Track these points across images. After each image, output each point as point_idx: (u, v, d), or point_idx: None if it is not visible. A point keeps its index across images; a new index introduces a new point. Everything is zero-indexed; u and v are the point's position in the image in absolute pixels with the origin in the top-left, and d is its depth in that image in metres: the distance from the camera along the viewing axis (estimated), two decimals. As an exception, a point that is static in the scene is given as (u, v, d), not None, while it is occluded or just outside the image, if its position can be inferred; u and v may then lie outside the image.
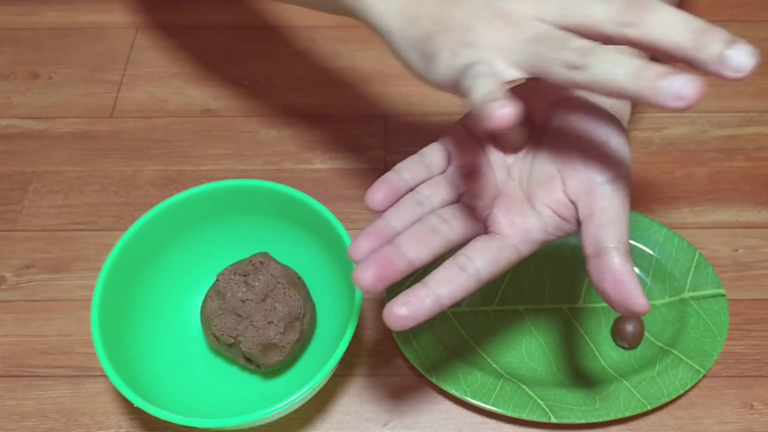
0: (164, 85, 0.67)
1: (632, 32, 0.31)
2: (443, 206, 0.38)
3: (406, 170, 0.39)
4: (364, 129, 0.64)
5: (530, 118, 0.39)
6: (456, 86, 0.36)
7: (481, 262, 0.36)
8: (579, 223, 0.36)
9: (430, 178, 0.39)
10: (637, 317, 0.50)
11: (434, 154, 0.39)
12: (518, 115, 0.29)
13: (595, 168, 0.36)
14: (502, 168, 0.39)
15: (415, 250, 0.36)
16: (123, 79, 0.67)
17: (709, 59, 0.30)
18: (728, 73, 0.29)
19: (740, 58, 0.29)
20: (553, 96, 0.39)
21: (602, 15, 0.32)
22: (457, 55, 0.35)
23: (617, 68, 0.30)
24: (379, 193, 0.38)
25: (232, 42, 0.70)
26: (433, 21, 0.36)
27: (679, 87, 0.28)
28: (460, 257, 0.36)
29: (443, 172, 0.39)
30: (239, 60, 0.69)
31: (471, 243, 0.37)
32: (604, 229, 0.34)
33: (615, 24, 0.32)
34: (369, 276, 0.35)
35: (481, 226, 0.38)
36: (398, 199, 0.38)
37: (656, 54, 0.32)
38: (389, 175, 0.38)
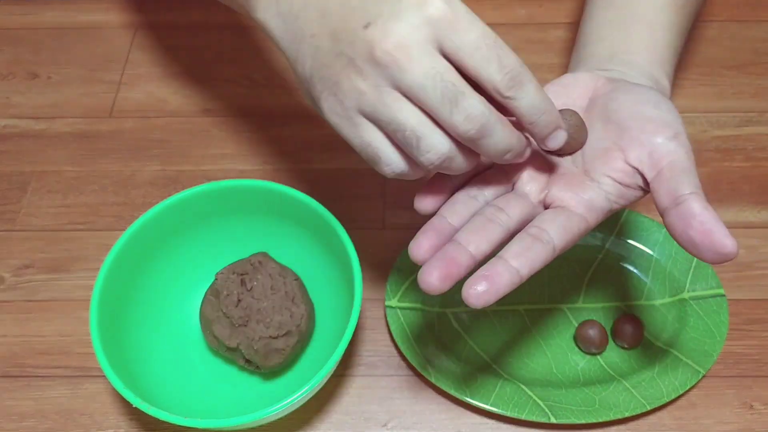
0: (163, 85, 0.67)
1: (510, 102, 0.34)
2: (497, 197, 0.39)
3: None
4: (363, 129, 0.64)
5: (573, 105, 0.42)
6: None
7: (553, 231, 0.36)
8: (643, 188, 0.38)
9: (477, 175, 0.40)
10: (724, 261, 0.48)
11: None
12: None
13: (652, 131, 0.37)
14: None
15: (475, 243, 0.36)
16: (122, 78, 0.67)
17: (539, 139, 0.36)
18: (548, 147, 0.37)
19: (556, 141, 0.36)
20: (592, 84, 0.41)
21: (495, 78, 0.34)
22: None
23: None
24: (427, 197, 0.39)
25: (232, 42, 0.70)
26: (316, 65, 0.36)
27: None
28: (531, 228, 0.36)
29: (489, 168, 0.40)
30: (238, 60, 0.69)
31: (539, 216, 0.37)
32: (677, 180, 0.36)
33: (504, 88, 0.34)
34: (435, 276, 0.35)
35: (539, 207, 0.39)
36: (447, 199, 0.39)
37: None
38: (436, 178, 0.39)
